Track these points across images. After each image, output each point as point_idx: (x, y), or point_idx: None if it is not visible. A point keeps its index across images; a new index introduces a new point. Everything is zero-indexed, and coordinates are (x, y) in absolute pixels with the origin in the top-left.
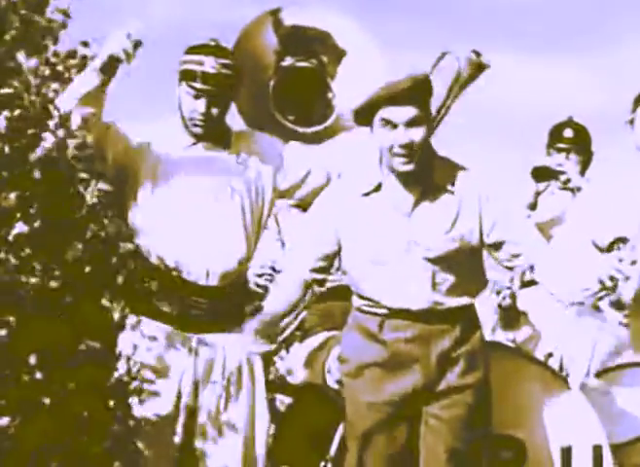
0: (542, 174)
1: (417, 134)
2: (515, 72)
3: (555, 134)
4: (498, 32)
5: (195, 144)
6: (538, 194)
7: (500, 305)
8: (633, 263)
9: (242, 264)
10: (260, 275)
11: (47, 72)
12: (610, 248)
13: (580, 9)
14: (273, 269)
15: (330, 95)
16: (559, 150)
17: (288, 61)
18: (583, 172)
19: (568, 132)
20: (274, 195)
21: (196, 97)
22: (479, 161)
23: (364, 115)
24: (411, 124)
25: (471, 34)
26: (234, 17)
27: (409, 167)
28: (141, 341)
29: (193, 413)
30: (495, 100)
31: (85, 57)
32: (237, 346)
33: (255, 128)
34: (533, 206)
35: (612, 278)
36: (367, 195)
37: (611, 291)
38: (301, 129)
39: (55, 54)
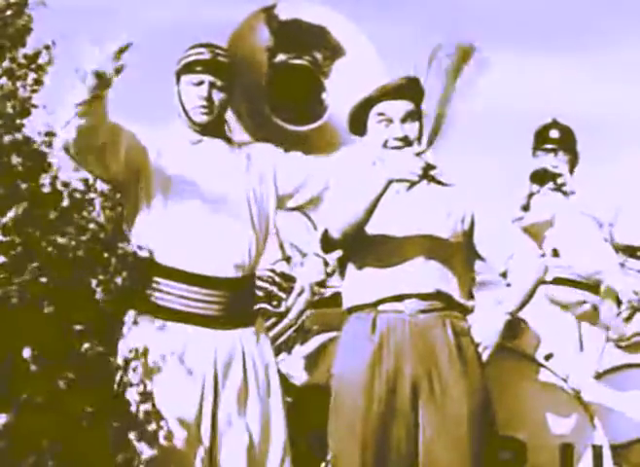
0: (541, 177)
1: (412, 129)
2: (514, 72)
3: (542, 135)
4: (496, 32)
5: (199, 141)
6: (531, 195)
7: None
8: None
9: (252, 259)
10: (259, 278)
11: (18, 72)
12: (629, 252)
13: (575, 9)
14: (273, 271)
15: (323, 94)
16: (547, 150)
17: (281, 58)
18: (571, 172)
19: (554, 133)
20: (276, 199)
21: (198, 84)
22: (475, 160)
23: (359, 114)
24: (406, 118)
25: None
26: (234, 19)
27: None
28: (160, 342)
29: (214, 413)
30: (495, 101)
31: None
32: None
33: (250, 129)
34: (526, 208)
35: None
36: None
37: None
38: (293, 128)
39: (25, 56)
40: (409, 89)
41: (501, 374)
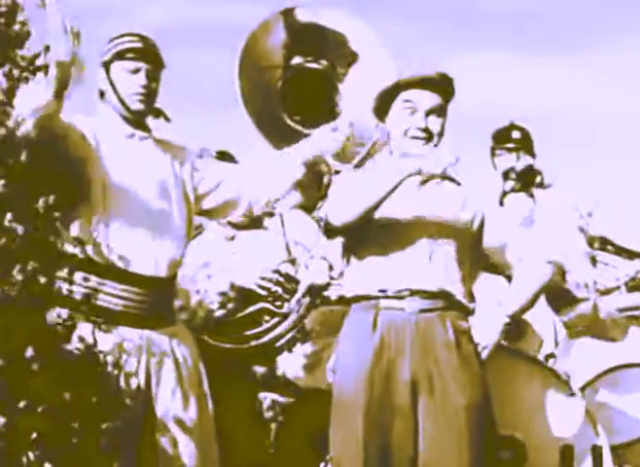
0: (527, 177)
1: (435, 124)
2: (513, 72)
3: (503, 136)
4: (498, 34)
5: (132, 135)
6: (505, 194)
7: None
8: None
9: (179, 260)
10: (263, 278)
11: (17, 74)
12: (602, 246)
13: (569, 9)
14: (278, 272)
15: (337, 98)
16: (509, 150)
17: (297, 60)
18: None
19: (516, 134)
20: (194, 195)
21: (135, 72)
22: (483, 160)
23: (386, 98)
24: (431, 112)
25: (470, 36)
26: (234, 19)
27: (424, 150)
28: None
29: (151, 410)
30: (493, 100)
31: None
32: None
33: (262, 129)
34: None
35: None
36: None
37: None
38: (306, 131)
39: (22, 58)
40: (441, 84)
41: (501, 374)
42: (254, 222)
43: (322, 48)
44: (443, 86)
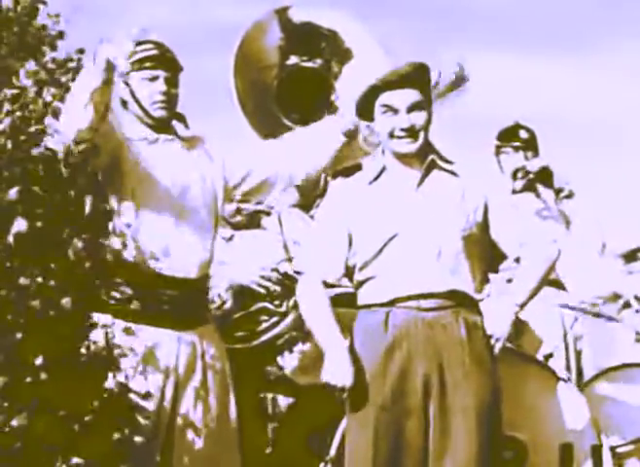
0: (542, 177)
1: (419, 118)
2: (513, 71)
3: (509, 134)
4: (496, 33)
5: (156, 140)
6: (514, 192)
7: None
8: None
9: (209, 260)
10: (262, 277)
11: (43, 76)
12: (631, 258)
13: (571, 11)
14: (276, 271)
15: (333, 96)
16: (516, 148)
17: (292, 60)
18: None
19: (523, 133)
20: (225, 189)
21: (153, 80)
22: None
23: (365, 103)
24: (412, 108)
25: (468, 35)
26: (234, 18)
27: (414, 147)
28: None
29: (173, 413)
30: (494, 101)
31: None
32: None
33: (259, 129)
34: None
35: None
36: (375, 180)
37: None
38: (302, 129)
39: (54, 61)
40: (416, 77)
41: (502, 374)
42: (252, 221)
43: (317, 47)
44: (418, 78)
